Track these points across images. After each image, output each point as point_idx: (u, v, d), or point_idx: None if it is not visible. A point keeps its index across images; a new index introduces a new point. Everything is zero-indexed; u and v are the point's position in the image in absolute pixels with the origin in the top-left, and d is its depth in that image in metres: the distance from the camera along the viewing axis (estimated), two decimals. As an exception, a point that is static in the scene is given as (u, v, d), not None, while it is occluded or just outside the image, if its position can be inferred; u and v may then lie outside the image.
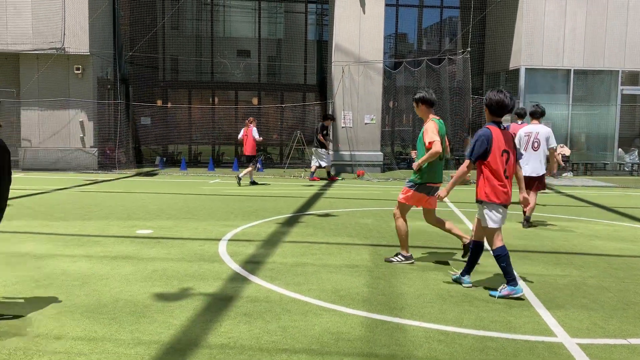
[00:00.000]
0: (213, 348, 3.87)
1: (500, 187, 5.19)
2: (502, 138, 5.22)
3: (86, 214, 9.37)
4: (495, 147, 5.17)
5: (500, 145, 5.19)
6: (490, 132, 5.20)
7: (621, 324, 4.49)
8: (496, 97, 5.23)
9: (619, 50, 18.91)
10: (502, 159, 5.19)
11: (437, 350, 3.91)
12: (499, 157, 5.18)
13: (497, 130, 5.24)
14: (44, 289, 5.14)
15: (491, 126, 5.27)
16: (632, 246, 7.56)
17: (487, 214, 5.27)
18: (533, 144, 8.85)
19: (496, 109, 5.25)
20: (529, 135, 8.93)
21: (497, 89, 5.35)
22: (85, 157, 18.04)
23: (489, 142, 5.18)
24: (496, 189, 5.19)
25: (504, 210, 5.29)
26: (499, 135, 5.21)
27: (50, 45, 17.30)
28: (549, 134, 8.87)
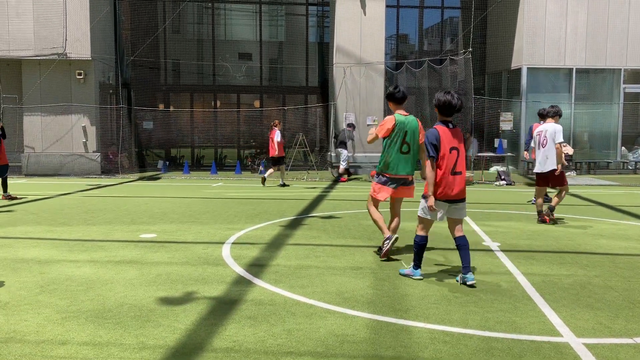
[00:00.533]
0: (218, 352, 3.87)
1: (446, 183, 5.49)
2: (450, 136, 5.54)
3: (90, 219, 9.38)
4: (443, 145, 5.49)
5: (447, 143, 5.50)
6: (437, 131, 5.52)
7: (627, 323, 4.47)
8: (444, 98, 5.56)
9: (620, 48, 18.87)
10: (452, 156, 5.51)
11: (443, 351, 3.90)
12: (448, 155, 5.50)
13: (444, 129, 5.55)
14: (49, 294, 5.14)
15: (438, 125, 5.60)
16: (638, 245, 7.54)
17: (422, 204, 5.67)
18: (542, 142, 9.15)
19: (444, 109, 5.57)
20: (540, 134, 9.27)
21: (446, 91, 5.66)
22: (88, 162, 18.08)
23: (438, 140, 5.49)
24: (442, 184, 5.50)
25: (444, 204, 5.58)
26: (446, 133, 5.53)
27: (52, 50, 17.36)
28: (556, 131, 9.08)
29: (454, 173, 5.52)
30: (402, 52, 22.73)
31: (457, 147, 5.56)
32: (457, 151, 5.54)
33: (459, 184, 5.56)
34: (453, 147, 5.53)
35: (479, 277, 5.78)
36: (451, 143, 5.53)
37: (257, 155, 20.90)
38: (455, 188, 5.52)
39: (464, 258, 5.53)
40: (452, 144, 5.53)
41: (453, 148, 5.53)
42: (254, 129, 21.20)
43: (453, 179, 5.52)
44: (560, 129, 9.14)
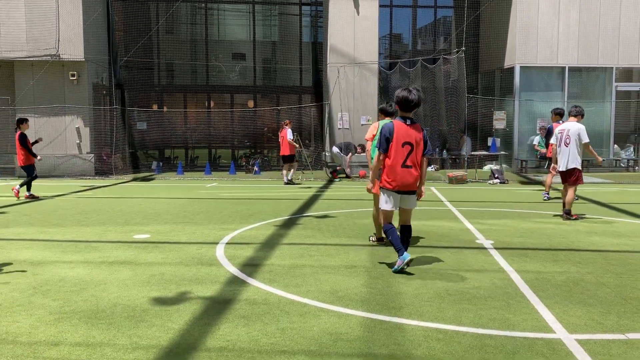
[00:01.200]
0: (212, 351, 3.86)
1: (395, 175, 5.83)
2: (405, 131, 5.81)
3: (83, 220, 9.35)
4: (395, 139, 5.79)
5: (401, 137, 5.79)
6: (393, 126, 5.84)
7: (619, 319, 4.50)
8: (401, 94, 5.87)
9: (612, 47, 18.96)
10: (404, 150, 5.80)
11: (436, 349, 3.91)
12: (400, 148, 5.80)
13: (400, 124, 5.85)
14: (42, 295, 5.13)
15: (396, 120, 5.93)
16: (629, 242, 7.58)
17: (381, 197, 6.03)
18: (565, 140, 9.39)
19: (402, 105, 5.88)
20: (562, 132, 9.49)
21: (405, 88, 5.95)
22: (82, 163, 18.02)
23: (390, 134, 5.81)
24: (391, 176, 5.85)
25: (395, 195, 5.94)
26: (400, 128, 5.82)
27: (45, 52, 17.30)
28: (580, 131, 9.34)
29: (404, 166, 5.82)
30: (396, 51, 22.76)
31: (412, 143, 5.82)
32: (410, 146, 5.81)
33: (411, 176, 5.87)
34: (407, 142, 5.80)
35: (472, 275, 5.80)
36: (405, 138, 5.80)
37: (251, 155, 20.88)
38: (409, 181, 5.86)
39: (405, 242, 5.96)
40: (406, 139, 5.80)
41: (406, 143, 5.80)
42: (248, 129, 21.19)
43: (403, 172, 5.83)
44: (584, 128, 9.42)
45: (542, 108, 19.00)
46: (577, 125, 9.36)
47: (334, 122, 18.37)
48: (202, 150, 21.64)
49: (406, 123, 5.87)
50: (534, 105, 18.97)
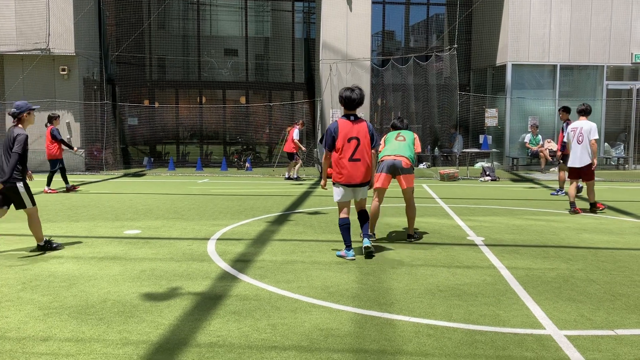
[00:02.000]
0: (202, 347, 3.85)
1: (343, 169, 6.23)
2: (349, 128, 6.22)
3: (73, 215, 9.30)
4: (341, 136, 6.18)
5: (346, 134, 6.19)
6: (337, 124, 6.25)
7: (608, 316, 4.53)
8: (344, 94, 6.27)
9: (603, 45, 19.05)
10: (350, 145, 6.19)
11: (427, 344, 3.92)
12: (346, 144, 6.19)
13: (344, 122, 6.25)
14: (31, 290, 5.09)
15: (340, 119, 6.32)
16: (619, 239, 7.63)
17: (334, 190, 6.41)
18: (578, 137, 9.69)
19: (345, 103, 6.28)
20: (575, 130, 9.79)
21: (348, 88, 6.33)
22: (73, 158, 17.89)
23: (335, 132, 6.22)
24: (337, 170, 6.27)
25: (346, 188, 6.31)
26: (345, 125, 6.23)
27: (35, 46, 17.15)
28: (592, 128, 9.64)
29: (352, 160, 6.22)
30: (388, 48, 22.77)
31: (357, 137, 6.22)
32: (356, 140, 6.22)
33: (359, 169, 6.25)
34: (352, 137, 6.21)
35: (463, 271, 5.82)
36: (350, 134, 6.21)
37: (243, 151, 20.83)
38: (357, 173, 6.25)
39: (364, 227, 6.53)
40: (351, 134, 6.21)
41: (352, 138, 6.21)
42: (240, 125, 21.13)
43: (352, 165, 6.22)
44: (595, 127, 9.72)
45: (534, 106, 19.07)
46: (590, 123, 9.70)
47: (326, 119, 18.35)
48: (193, 146, 21.56)
49: (350, 120, 6.29)
50: (525, 103, 19.04)
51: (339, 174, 6.28)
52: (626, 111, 20.00)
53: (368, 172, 6.34)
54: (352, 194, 6.40)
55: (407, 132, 7.55)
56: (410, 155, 7.29)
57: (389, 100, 21.24)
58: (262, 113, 21.08)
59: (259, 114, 21.10)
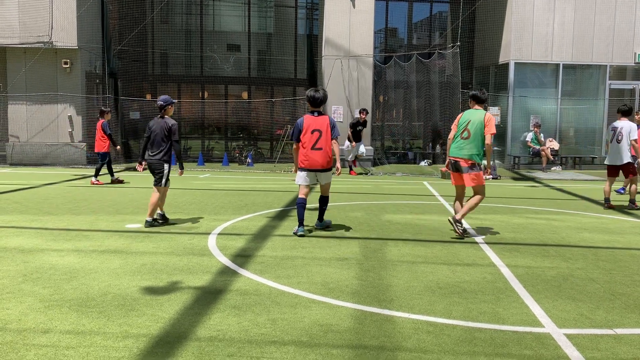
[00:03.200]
0: (202, 341, 3.86)
1: (305, 156, 7.33)
2: (313, 122, 7.33)
3: (75, 209, 9.31)
4: (305, 128, 7.30)
5: (309, 127, 7.29)
6: (302, 119, 7.40)
7: (607, 315, 4.53)
8: (310, 93, 7.39)
9: (606, 45, 19.01)
10: (313, 136, 7.27)
11: (426, 341, 3.93)
12: (310, 135, 7.27)
13: (309, 117, 7.39)
14: (32, 283, 5.10)
15: (305, 115, 7.45)
16: (619, 238, 7.63)
17: (298, 174, 7.50)
18: (617, 137, 10.03)
19: (311, 102, 7.38)
20: (614, 129, 10.14)
21: (313, 88, 7.48)
22: (74, 152, 17.92)
23: (300, 126, 7.36)
24: (302, 158, 7.35)
25: (308, 173, 7.41)
26: (309, 120, 7.34)
27: (38, 39, 17.14)
28: (631, 129, 9.95)
29: (314, 148, 7.29)
30: (391, 45, 22.73)
31: (320, 130, 7.29)
32: (319, 132, 7.28)
33: (321, 157, 7.32)
34: (315, 129, 7.29)
35: (463, 269, 5.83)
36: (314, 127, 7.29)
37: (244, 147, 20.83)
38: (319, 160, 7.32)
39: (321, 211, 7.70)
40: (314, 127, 7.29)
41: (315, 130, 7.29)
42: (241, 120, 21.12)
43: (313, 153, 7.30)
44: (635, 127, 10.06)
45: (536, 105, 19.05)
46: (630, 123, 10.04)
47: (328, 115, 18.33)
48: (195, 141, 21.56)
49: (314, 115, 7.41)
50: (527, 102, 19.01)
51: (302, 161, 7.39)
52: (628, 111, 19.95)
53: (328, 160, 7.41)
54: (314, 178, 7.49)
55: (476, 121, 7.37)
56: (471, 153, 7.34)
57: (391, 98, 21.22)
58: (264, 109, 21.06)
59: (261, 110, 21.08)
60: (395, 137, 22.05)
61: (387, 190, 12.94)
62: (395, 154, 21.08)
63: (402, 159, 20.93)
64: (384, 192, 12.43)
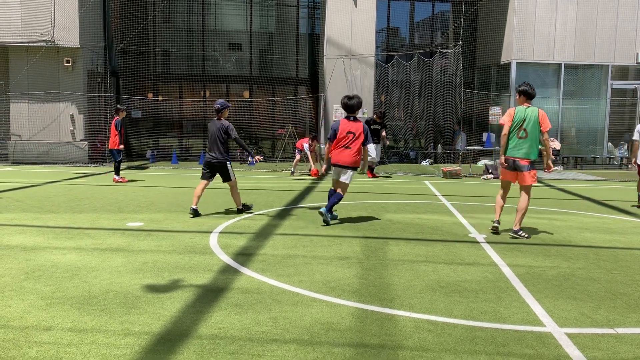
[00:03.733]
0: (203, 338, 3.87)
1: (335, 153, 8.12)
2: (348, 125, 8.06)
3: (76, 207, 9.33)
4: (340, 131, 8.04)
5: (344, 129, 8.04)
6: (339, 123, 8.14)
7: (609, 314, 4.54)
8: (343, 100, 8.16)
9: (609, 44, 18.99)
10: (346, 137, 8.02)
11: (427, 340, 3.93)
12: (343, 135, 8.02)
13: (345, 121, 8.12)
14: (34, 280, 5.12)
15: (342, 119, 8.20)
16: (621, 238, 7.63)
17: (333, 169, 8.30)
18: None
19: (345, 108, 8.14)
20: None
21: (347, 96, 8.22)
22: (76, 150, 17.94)
23: (336, 128, 8.09)
24: (333, 154, 8.14)
25: (334, 167, 8.16)
26: (345, 124, 8.09)
27: (40, 37, 17.16)
28: None
29: (344, 147, 8.03)
30: (393, 45, 22.72)
31: (354, 132, 8.01)
32: (352, 135, 8.00)
33: (348, 155, 8.03)
34: (350, 131, 8.02)
35: (464, 268, 5.83)
36: (348, 129, 8.03)
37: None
38: (345, 158, 8.04)
39: (330, 201, 8.12)
40: (348, 129, 8.03)
41: (349, 132, 8.02)
42: (243, 120, 21.12)
43: (342, 151, 8.04)
44: None
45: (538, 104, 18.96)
46: None
47: (329, 114, 18.34)
48: (196, 140, 21.57)
49: (349, 119, 8.12)
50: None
51: (332, 157, 8.16)
52: (630, 111, 19.96)
53: (355, 160, 8.07)
54: (338, 173, 8.14)
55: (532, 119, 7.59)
56: (529, 152, 7.52)
57: (392, 97, 21.21)
58: (265, 108, 21.06)
59: (262, 109, 21.08)
60: (396, 137, 22.05)
61: (388, 189, 12.94)
62: (396, 154, 21.08)
63: (404, 158, 20.93)
64: (385, 192, 12.43)
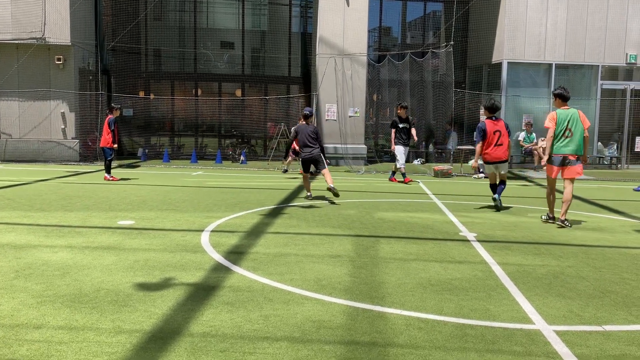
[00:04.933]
0: (195, 336, 3.88)
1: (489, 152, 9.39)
2: (494, 125, 9.35)
3: (67, 205, 9.29)
4: (489, 131, 9.29)
5: (492, 129, 9.29)
6: (485, 124, 9.34)
7: (597, 312, 4.58)
8: (489, 104, 9.45)
9: (599, 45, 19.14)
10: (495, 136, 9.30)
11: (417, 337, 3.96)
12: (492, 135, 9.30)
13: (489, 121, 9.37)
14: (24, 279, 5.10)
15: (486, 120, 9.41)
16: (609, 237, 7.70)
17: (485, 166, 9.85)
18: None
19: (490, 109, 9.41)
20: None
21: (491, 99, 9.59)
22: (67, 148, 17.86)
23: (485, 129, 9.30)
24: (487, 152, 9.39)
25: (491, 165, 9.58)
26: (490, 124, 9.35)
27: (31, 35, 17.06)
28: None
29: (496, 145, 9.30)
30: (385, 44, 22.76)
31: (500, 130, 9.33)
32: (499, 132, 9.31)
33: (500, 151, 9.35)
34: (496, 130, 9.32)
35: (454, 266, 5.87)
36: (494, 128, 9.33)
37: (238, 144, 20.81)
38: (499, 154, 9.37)
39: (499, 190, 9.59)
40: (495, 129, 9.33)
41: (496, 131, 9.31)
42: (235, 118, 21.10)
43: (496, 149, 9.34)
44: None
45: (529, 104, 19.14)
46: None
47: (322, 114, 18.36)
48: (188, 138, 21.52)
49: (493, 120, 9.38)
50: (520, 101, 19.11)
51: (486, 154, 9.36)
52: (620, 111, 20.11)
53: (508, 153, 9.52)
54: (495, 169, 9.50)
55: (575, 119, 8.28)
56: (576, 149, 8.25)
57: (384, 96, 21.26)
58: (257, 106, 21.04)
59: (254, 108, 21.06)
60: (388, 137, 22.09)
61: (379, 188, 12.98)
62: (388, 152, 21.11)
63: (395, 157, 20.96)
64: (377, 190, 12.47)
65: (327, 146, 18.16)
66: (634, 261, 6.34)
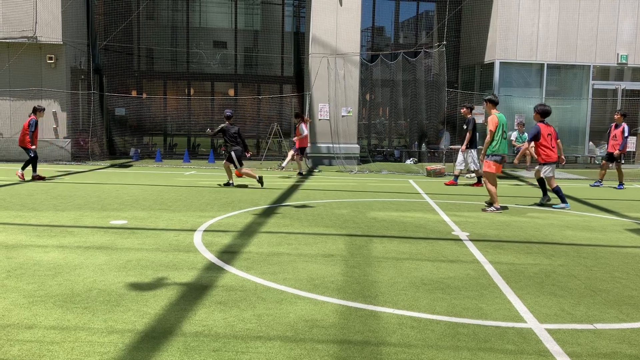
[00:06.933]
0: (187, 336, 3.88)
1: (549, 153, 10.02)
2: (546, 128, 9.96)
3: (59, 205, 9.25)
4: (543, 134, 9.90)
5: (545, 131, 9.91)
6: (539, 127, 9.87)
7: (588, 310, 4.61)
8: (542, 108, 9.97)
9: (590, 45, 19.25)
10: (548, 138, 9.92)
11: (410, 336, 3.97)
12: (547, 137, 9.92)
13: (543, 125, 9.92)
14: (16, 279, 5.08)
15: (539, 123, 9.92)
16: (601, 236, 7.75)
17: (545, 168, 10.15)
18: None
19: (543, 114, 9.94)
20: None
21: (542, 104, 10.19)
22: (59, 148, 17.77)
23: (539, 131, 9.89)
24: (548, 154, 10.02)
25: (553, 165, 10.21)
26: (544, 127, 9.93)
27: (22, 33, 16.97)
28: None
29: (552, 147, 9.89)
30: (378, 44, 22.80)
31: (551, 133, 9.94)
32: (550, 136, 9.91)
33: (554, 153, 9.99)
34: (549, 133, 9.93)
35: (447, 265, 5.89)
36: (548, 132, 9.92)
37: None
38: (553, 156, 9.99)
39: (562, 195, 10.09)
40: (548, 132, 9.93)
41: (549, 134, 9.92)
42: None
43: (553, 151, 9.90)
44: None
45: (521, 104, 19.22)
46: None
47: (315, 113, 18.37)
48: (181, 138, 21.46)
49: (545, 123, 9.93)
50: (512, 101, 19.19)
51: (547, 156, 9.96)
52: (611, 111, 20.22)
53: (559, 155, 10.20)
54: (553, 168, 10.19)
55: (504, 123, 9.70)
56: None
57: (377, 96, 21.30)
58: (250, 106, 21.01)
59: (247, 107, 21.03)
60: (381, 136, 22.14)
61: (372, 188, 13.00)
62: (381, 152, 21.16)
63: (388, 157, 21.01)
64: (370, 190, 12.49)
65: (320, 145, 18.27)
66: (625, 260, 6.38)
